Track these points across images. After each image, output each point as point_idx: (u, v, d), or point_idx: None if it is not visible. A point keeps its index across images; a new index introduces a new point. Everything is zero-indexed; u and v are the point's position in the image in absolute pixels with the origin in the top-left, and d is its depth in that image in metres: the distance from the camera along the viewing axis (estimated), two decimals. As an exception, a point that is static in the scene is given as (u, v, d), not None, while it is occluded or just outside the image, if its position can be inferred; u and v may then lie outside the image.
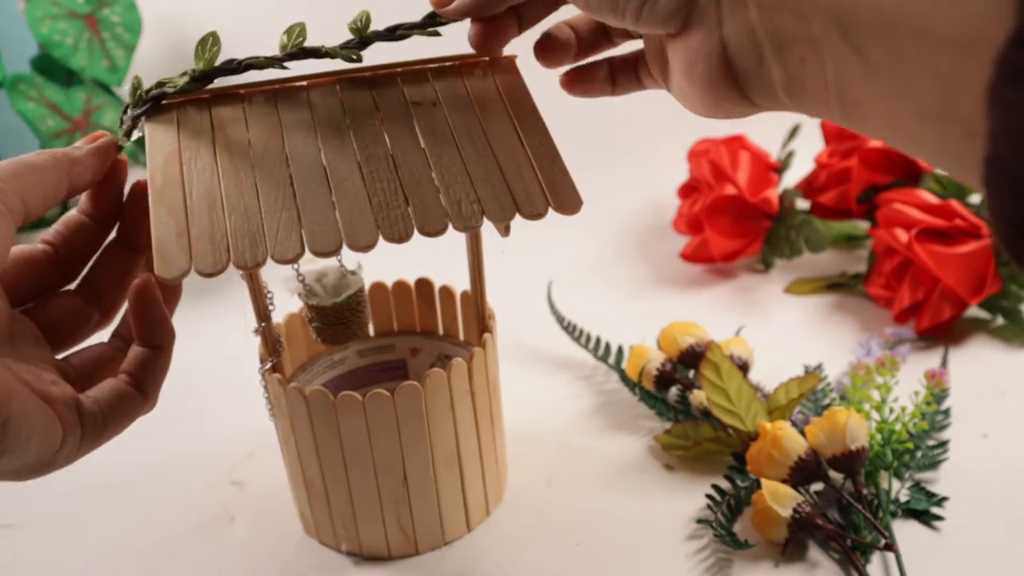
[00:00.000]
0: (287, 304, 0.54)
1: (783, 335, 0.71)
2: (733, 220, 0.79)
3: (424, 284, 0.57)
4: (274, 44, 0.42)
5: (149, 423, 0.65)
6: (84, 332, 0.40)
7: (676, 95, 0.39)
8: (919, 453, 0.55)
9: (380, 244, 0.37)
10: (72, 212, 0.40)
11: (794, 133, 0.85)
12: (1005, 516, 0.51)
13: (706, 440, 0.55)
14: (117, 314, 0.41)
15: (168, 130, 0.39)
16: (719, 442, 0.55)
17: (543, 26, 0.43)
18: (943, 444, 0.56)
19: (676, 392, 0.63)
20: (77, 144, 0.38)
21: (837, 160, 0.81)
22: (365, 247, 0.36)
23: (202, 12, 0.91)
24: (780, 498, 0.49)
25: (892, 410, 0.55)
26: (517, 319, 0.70)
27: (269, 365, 0.48)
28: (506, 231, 0.43)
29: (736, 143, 0.81)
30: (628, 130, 0.91)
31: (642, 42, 0.42)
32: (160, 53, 0.88)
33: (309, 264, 0.48)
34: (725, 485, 0.54)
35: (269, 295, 0.46)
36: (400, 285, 0.57)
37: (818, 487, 0.54)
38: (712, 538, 0.51)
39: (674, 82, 0.38)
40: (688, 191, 0.85)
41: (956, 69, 0.24)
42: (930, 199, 0.69)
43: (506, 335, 0.69)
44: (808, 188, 0.83)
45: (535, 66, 0.44)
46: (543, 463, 0.58)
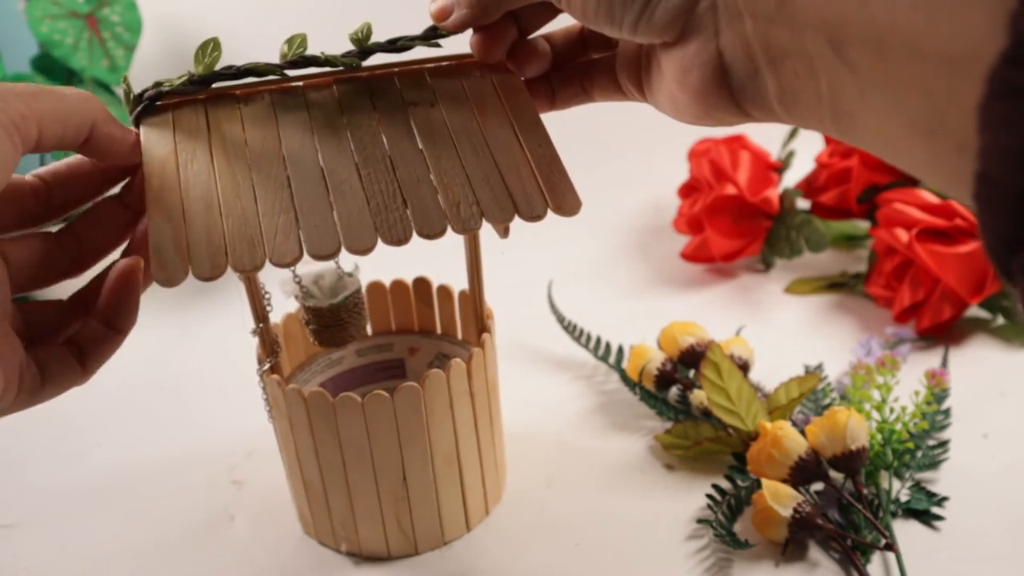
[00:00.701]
0: (285, 305, 0.54)
1: (783, 335, 0.71)
2: (733, 220, 0.79)
3: (422, 283, 0.57)
4: (274, 45, 0.42)
5: (149, 423, 0.65)
6: (50, 280, 0.38)
7: (662, 102, 0.39)
8: (919, 453, 0.55)
9: (397, 246, 0.36)
10: (78, 155, 0.38)
11: (794, 133, 0.85)
12: (1005, 516, 0.51)
13: (706, 440, 0.55)
14: (90, 270, 0.40)
15: (164, 132, 0.39)
16: (719, 442, 0.55)
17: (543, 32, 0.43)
18: (943, 444, 0.56)
19: (676, 392, 0.63)
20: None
21: (837, 160, 0.81)
22: (364, 250, 0.36)
23: (202, 12, 0.90)
24: (780, 498, 0.49)
25: (892, 410, 0.55)
26: (517, 319, 0.70)
27: (267, 366, 0.48)
28: (505, 233, 0.43)
29: (736, 143, 0.81)
30: (628, 130, 0.91)
31: (616, 54, 0.42)
32: (160, 53, 0.88)
33: (306, 266, 0.48)
34: (725, 485, 0.54)
35: (267, 296, 0.46)
36: (398, 284, 0.57)
37: (818, 487, 0.54)
38: (712, 538, 0.51)
39: (663, 89, 0.38)
40: (688, 191, 0.85)
41: (947, 85, 0.24)
42: (930, 199, 0.69)
43: (506, 335, 0.69)
44: (808, 188, 0.83)
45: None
46: (543, 463, 0.58)
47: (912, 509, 0.52)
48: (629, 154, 0.95)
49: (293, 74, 0.42)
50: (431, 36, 0.42)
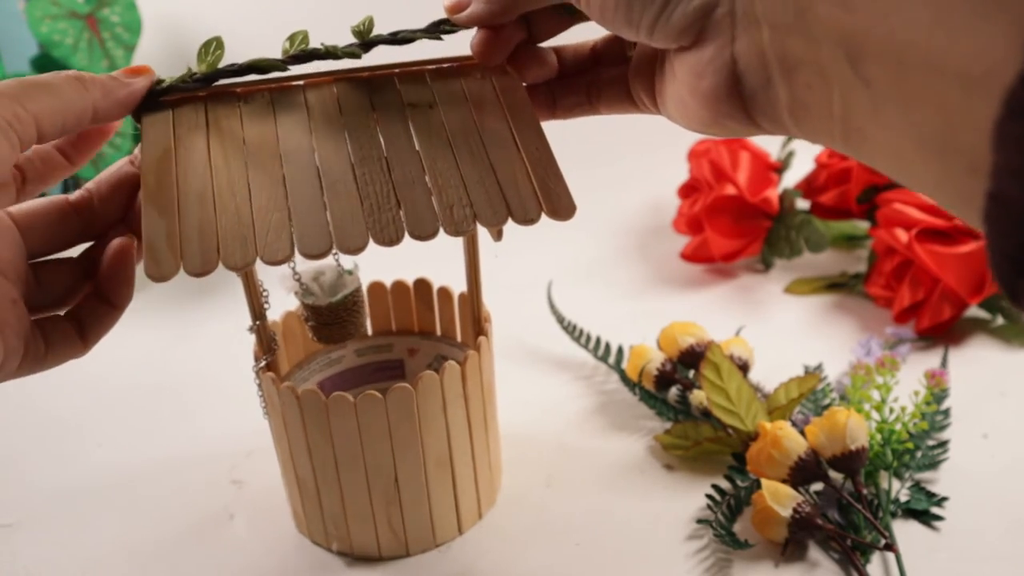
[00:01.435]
0: (284, 302, 0.54)
1: (783, 335, 0.71)
2: (733, 220, 0.79)
3: (422, 285, 0.57)
4: (274, 44, 0.42)
5: (149, 423, 0.65)
6: (65, 245, 0.40)
7: (672, 109, 0.38)
8: (919, 453, 0.55)
9: (389, 247, 0.36)
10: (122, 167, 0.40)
11: (794, 133, 0.85)
12: (1005, 516, 0.51)
13: (706, 440, 0.55)
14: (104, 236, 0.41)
15: (163, 127, 0.39)
16: (719, 442, 0.55)
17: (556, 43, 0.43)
18: (943, 444, 0.56)
19: (676, 392, 0.63)
20: (116, 74, 0.38)
21: (837, 160, 0.81)
22: (355, 250, 0.36)
23: (202, 12, 0.90)
24: (780, 498, 0.49)
25: (892, 410, 0.55)
26: (517, 319, 0.70)
27: (263, 363, 0.48)
28: (498, 235, 0.43)
29: (736, 143, 0.81)
30: (628, 130, 0.91)
31: (630, 63, 0.42)
32: (160, 53, 0.88)
33: (306, 264, 0.48)
34: (725, 485, 0.54)
35: (265, 293, 0.46)
36: (399, 285, 0.57)
37: (818, 487, 0.54)
38: (712, 538, 0.51)
39: (674, 95, 0.37)
40: (688, 191, 0.85)
41: (963, 103, 0.24)
42: (930, 199, 0.69)
43: (506, 335, 0.69)
44: (808, 188, 0.83)
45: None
46: (543, 463, 0.58)
47: (912, 509, 0.52)
48: (629, 154, 0.95)
49: (294, 72, 0.42)
50: (436, 30, 0.42)
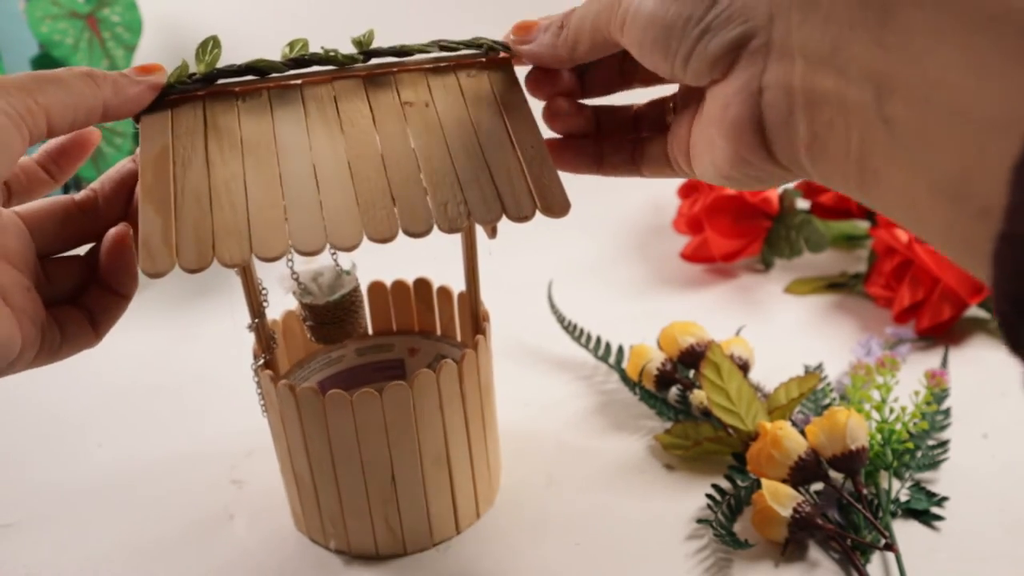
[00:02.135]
0: (284, 301, 0.54)
1: (783, 335, 0.71)
2: (733, 220, 0.79)
3: (422, 284, 0.57)
4: (274, 45, 0.42)
5: (149, 423, 0.65)
6: (72, 244, 0.40)
7: (703, 155, 0.38)
8: (919, 453, 0.55)
9: (383, 243, 0.37)
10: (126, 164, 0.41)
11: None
12: (1005, 516, 0.51)
13: (706, 440, 0.55)
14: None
15: (161, 126, 0.39)
16: (719, 442, 0.55)
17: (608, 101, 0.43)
18: (943, 444, 0.56)
19: (676, 392, 0.63)
20: (127, 71, 0.38)
21: (837, 160, 0.81)
22: (349, 247, 0.36)
23: (202, 12, 0.91)
24: (780, 498, 0.49)
25: (892, 410, 0.55)
26: (517, 319, 0.70)
27: (261, 361, 0.48)
28: (493, 233, 0.43)
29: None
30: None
31: (669, 117, 0.42)
32: (160, 53, 0.88)
33: (304, 263, 0.48)
34: (725, 485, 0.54)
35: (263, 291, 0.47)
36: (399, 285, 0.57)
37: (818, 487, 0.54)
38: (712, 538, 0.51)
39: (704, 138, 0.37)
40: (688, 191, 0.85)
41: (982, 146, 0.24)
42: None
43: (506, 335, 0.69)
44: (808, 188, 0.83)
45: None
46: (543, 463, 0.58)
47: (912, 509, 0.52)
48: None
49: (293, 73, 0.42)
50: (475, 47, 0.43)
